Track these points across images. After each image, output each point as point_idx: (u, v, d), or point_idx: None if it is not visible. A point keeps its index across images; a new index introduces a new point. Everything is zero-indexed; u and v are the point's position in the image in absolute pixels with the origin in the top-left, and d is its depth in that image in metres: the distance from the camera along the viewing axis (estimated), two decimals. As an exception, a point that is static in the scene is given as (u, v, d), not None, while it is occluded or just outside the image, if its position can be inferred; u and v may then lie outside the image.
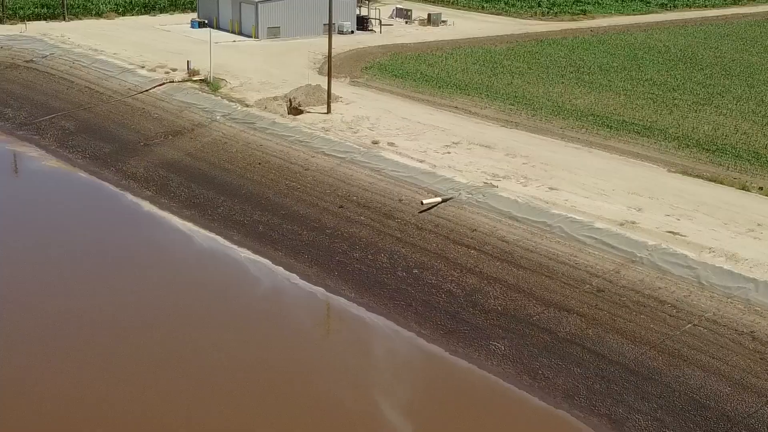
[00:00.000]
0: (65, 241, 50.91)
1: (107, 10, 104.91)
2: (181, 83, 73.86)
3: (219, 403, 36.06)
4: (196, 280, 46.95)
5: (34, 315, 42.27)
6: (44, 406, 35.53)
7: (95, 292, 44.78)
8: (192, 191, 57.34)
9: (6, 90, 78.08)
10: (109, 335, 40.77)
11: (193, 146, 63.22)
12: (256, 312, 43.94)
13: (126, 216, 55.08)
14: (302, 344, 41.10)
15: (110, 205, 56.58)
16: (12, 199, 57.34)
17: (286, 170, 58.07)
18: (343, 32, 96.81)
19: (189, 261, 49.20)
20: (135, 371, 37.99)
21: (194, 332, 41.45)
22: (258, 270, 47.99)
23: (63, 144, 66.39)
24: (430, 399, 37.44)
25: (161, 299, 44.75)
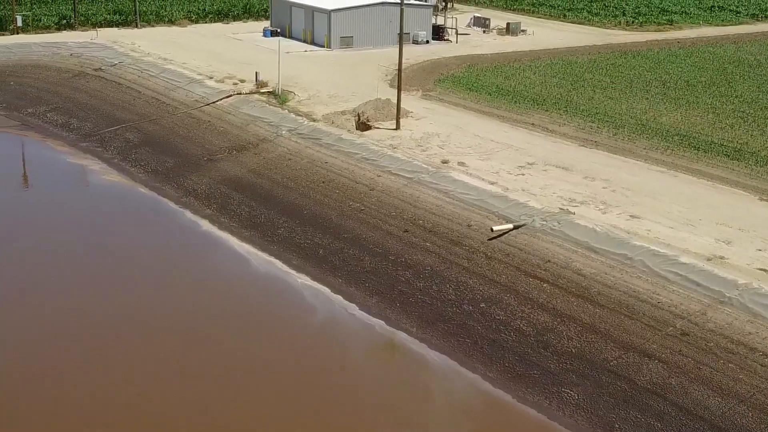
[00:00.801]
0: (118, 262, 48.95)
1: (180, 18, 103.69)
2: (248, 95, 71.74)
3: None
4: (250, 309, 44.49)
5: (100, 337, 40.33)
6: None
7: (146, 322, 42.62)
8: (253, 210, 55.00)
9: (73, 99, 76.91)
10: (166, 366, 38.53)
11: (256, 162, 60.92)
12: (309, 346, 41.25)
13: (183, 236, 52.98)
14: (357, 383, 38.29)
15: (168, 223, 54.55)
16: (67, 216, 55.63)
17: (350, 190, 55.37)
18: (418, 42, 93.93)
19: (244, 287, 46.75)
20: (192, 405, 35.65)
21: (243, 367, 38.95)
22: (315, 298, 45.34)
23: (125, 157, 64.71)
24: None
25: (211, 326, 42.40)
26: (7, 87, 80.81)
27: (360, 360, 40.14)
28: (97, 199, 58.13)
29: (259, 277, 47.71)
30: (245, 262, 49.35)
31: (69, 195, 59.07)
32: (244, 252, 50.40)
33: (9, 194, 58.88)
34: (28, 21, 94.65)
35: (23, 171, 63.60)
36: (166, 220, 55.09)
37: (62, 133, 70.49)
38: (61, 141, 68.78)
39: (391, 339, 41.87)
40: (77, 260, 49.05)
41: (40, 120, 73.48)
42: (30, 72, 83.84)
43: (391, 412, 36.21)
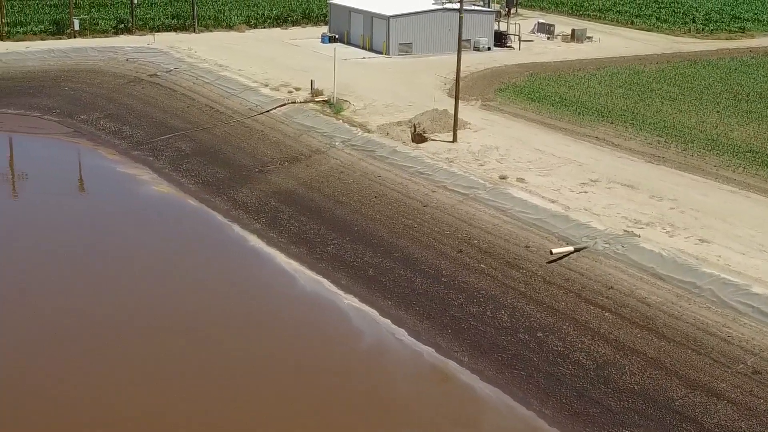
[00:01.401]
0: (162, 278, 47.40)
1: (238, 22, 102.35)
2: (303, 104, 69.92)
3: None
4: (294, 332, 42.55)
5: (147, 353, 38.82)
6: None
7: (186, 345, 40.95)
8: (302, 226, 53.12)
9: (127, 106, 75.86)
10: (212, 386, 36.82)
11: (308, 175, 59.03)
12: (354, 374, 39.18)
13: (230, 251, 51.29)
14: (403, 417, 36.07)
15: (215, 238, 52.92)
16: (113, 228, 54.28)
17: (403, 206, 53.19)
18: (479, 49, 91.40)
19: (288, 308, 44.85)
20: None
21: (282, 393, 37.02)
22: (363, 321, 43.28)
23: (177, 167, 63.29)
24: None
25: (253, 350, 40.60)
26: (62, 92, 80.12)
27: (407, 391, 37.92)
28: (144, 212, 56.72)
29: (305, 296, 45.79)
30: (292, 280, 47.47)
31: (116, 206, 57.77)
32: (291, 270, 48.54)
33: (56, 203, 57.78)
34: (86, 25, 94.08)
35: (72, 180, 62.46)
36: (213, 234, 53.46)
37: (114, 140, 69.41)
38: (113, 149, 67.68)
39: (440, 369, 39.57)
40: (118, 275, 47.59)
41: (92, 127, 72.53)
42: (85, 77, 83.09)
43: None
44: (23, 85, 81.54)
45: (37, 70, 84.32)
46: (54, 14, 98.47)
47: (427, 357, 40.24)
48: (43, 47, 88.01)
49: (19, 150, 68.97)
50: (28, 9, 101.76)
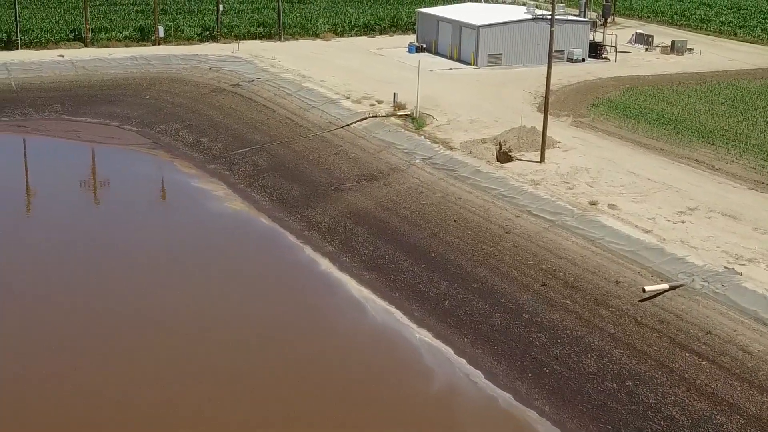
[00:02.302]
0: (223, 303, 45.02)
1: (324, 31, 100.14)
2: (384, 118, 67.10)
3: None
4: (361, 367, 39.85)
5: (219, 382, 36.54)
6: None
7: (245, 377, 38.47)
8: (376, 250, 50.27)
9: (207, 117, 74.12)
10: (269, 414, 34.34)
11: (385, 194, 56.17)
12: (422, 420, 36.11)
13: (299, 276, 48.79)
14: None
15: (285, 260, 50.49)
16: (183, 246, 52.28)
17: (484, 231, 49.90)
18: (573, 60, 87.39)
19: (356, 340, 42.04)
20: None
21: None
22: (435, 359, 40.22)
23: (252, 183, 61.09)
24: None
25: (314, 381, 38.00)
26: (143, 101, 78.89)
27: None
28: (215, 230, 54.60)
29: (374, 329, 42.95)
30: (361, 310, 44.66)
31: (186, 224, 55.75)
32: (362, 298, 45.76)
33: (126, 219, 56.13)
34: (170, 32, 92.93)
35: (145, 194, 60.70)
36: (283, 256, 51.03)
37: (191, 153, 67.62)
38: (189, 162, 65.86)
39: (518, 418, 36.22)
40: (182, 294, 45.42)
41: (171, 138, 70.94)
42: (167, 86, 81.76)
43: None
44: (104, 93, 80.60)
45: (119, 77, 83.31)
46: (140, 20, 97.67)
47: (503, 404, 36.96)
48: (126, 54, 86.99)
49: (95, 162, 67.53)
50: (114, 14, 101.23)
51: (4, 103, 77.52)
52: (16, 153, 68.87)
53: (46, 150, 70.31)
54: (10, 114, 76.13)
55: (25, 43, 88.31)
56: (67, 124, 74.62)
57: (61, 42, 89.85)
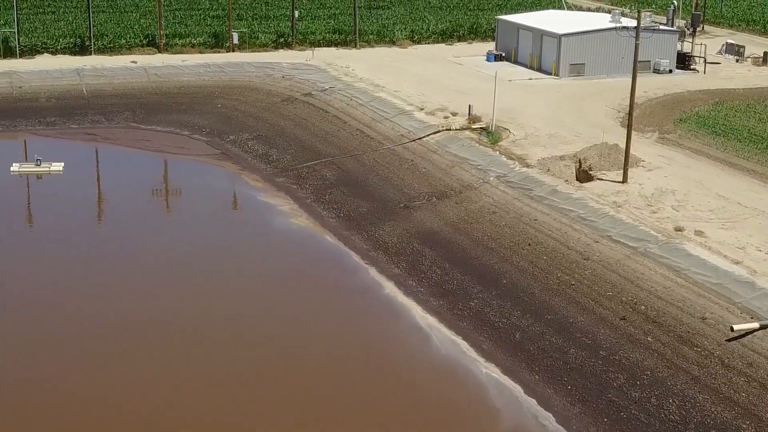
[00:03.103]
0: (279, 325, 42.88)
1: (402, 38, 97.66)
2: (458, 131, 64.40)
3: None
4: (423, 402, 37.23)
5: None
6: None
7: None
8: (445, 273, 47.63)
9: (277, 127, 72.28)
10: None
11: (456, 214, 53.48)
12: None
13: (362, 300, 46.37)
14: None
15: (348, 283, 48.10)
16: (243, 262, 50.30)
17: (560, 257, 46.88)
18: (659, 71, 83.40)
19: (418, 373, 39.39)
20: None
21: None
22: (502, 398, 37.42)
23: (319, 198, 58.96)
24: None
25: (371, 416, 35.64)
26: (214, 110, 77.43)
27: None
28: (277, 248, 52.63)
29: (438, 361, 40.31)
30: (425, 339, 42.05)
31: (249, 239, 53.84)
32: (427, 326, 43.15)
33: (189, 231, 54.57)
34: (245, 38, 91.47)
35: (209, 208, 58.93)
36: (346, 278, 48.67)
37: (260, 165, 65.77)
38: (257, 175, 64.00)
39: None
40: (238, 314, 43.39)
41: (240, 149, 69.22)
42: (238, 94, 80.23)
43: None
44: (176, 101, 79.38)
45: (191, 85, 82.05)
46: (215, 26, 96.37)
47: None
48: (199, 61, 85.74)
49: (162, 172, 66.11)
50: (190, 20, 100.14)
51: (75, 110, 76.82)
52: (83, 162, 67.74)
53: (114, 160, 69.21)
54: (80, 121, 75.35)
55: (98, 49, 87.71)
56: (136, 133, 73.50)
57: (134, 48, 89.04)
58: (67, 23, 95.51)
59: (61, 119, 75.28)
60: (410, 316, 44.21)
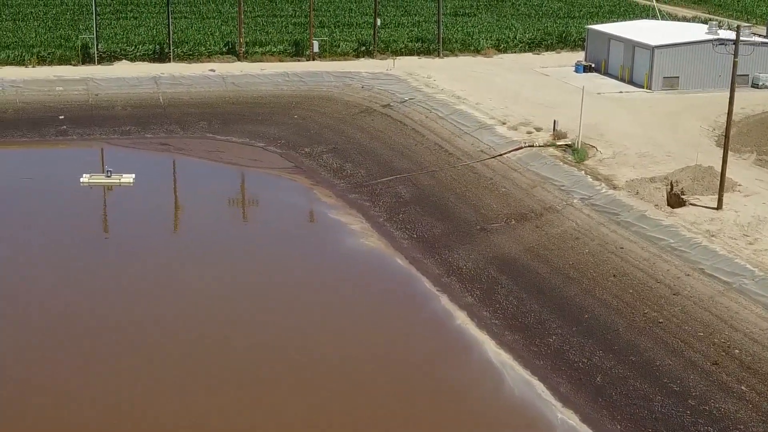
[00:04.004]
0: (339, 354, 40.29)
1: (487, 46, 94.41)
2: (541, 148, 61.06)
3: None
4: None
5: None
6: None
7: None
8: (522, 305, 44.52)
9: (353, 140, 69.87)
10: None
11: (536, 238, 50.25)
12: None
13: (431, 332, 43.58)
14: None
15: (418, 312, 45.35)
16: (309, 284, 47.94)
17: (647, 291, 43.33)
18: (758, 86, 78.60)
19: (489, 419, 36.42)
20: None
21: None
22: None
23: (392, 216, 56.33)
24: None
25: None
26: (290, 121, 75.40)
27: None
28: (345, 271, 50.18)
29: (510, 404, 37.34)
30: (498, 379, 39.06)
31: (316, 261, 51.37)
32: (500, 363, 40.19)
33: (254, 249, 52.49)
34: (326, 47, 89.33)
35: (279, 224, 56.82)
36: (416, 305, 45.92)
37: (333, 180, 63.43)
38: (329, 190, 61.69)
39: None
40: (301, 336, 40.97)
41: (314, 162, 67.00)
42: (316, 105, 78.08)
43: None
44: (252, 110, 77.55)
45: (269, 95, 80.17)
46: (296, 34, 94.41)
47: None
48: (278, 70, 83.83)
49: (232, 187, 64.11)
50: (271, 27, 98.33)
51: (151, 119, 75.58)
52: (154, 175, 66.06)
53: (185, 172, 67.69)
54: (155, 131, 74.06)
55: (177, 56, 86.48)
56: (211, 144, 71.86)
57: (213, 55, 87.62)
58: (148, 29, 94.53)
59: (136, 128, 74.11)
60: (482, 351, 41.26)
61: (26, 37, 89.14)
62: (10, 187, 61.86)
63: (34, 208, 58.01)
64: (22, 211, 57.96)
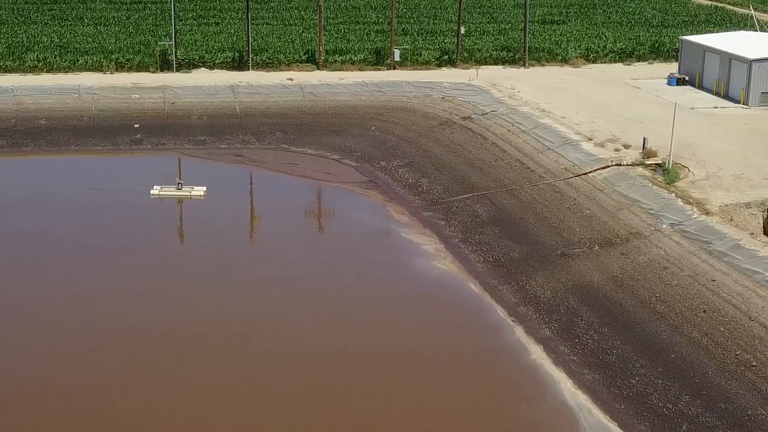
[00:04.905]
0: (400, 392, 37.73)
1: (575, 56, 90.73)
2: (629, 167, 57.50)
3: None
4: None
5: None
6: None
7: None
8: (602, 340, 41.39)
9: (431, 154, 67.24)
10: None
11: (620, 267, 46.91)
12: None
13: (503, 367, 40.75)
14: None
15: (490, 344, 42.59)
16: (371, 313, 45.54)
17: (740, 330, 39.72)
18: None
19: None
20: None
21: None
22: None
23: (467, 237, 53.63)
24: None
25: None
26: (368, 132, 73.13)
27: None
28: (414, 296, 47.56)
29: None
30: (573, 423, 36.11)
31: (384, 284, 49.03)
32: (576, 405, 37.22)
33: (323, 270, 50.25)
34: (407, 55, 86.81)
35: (348, 243, 54.61)
36: (488, 337, 43.19)
37: (408, 196, 60.99)
38: (403, 207, 59.26)
39: None
40: (357, 369, 38.57)
41: (389, 177, 64.63)
42: (394, 116, 75.60)
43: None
44: (329, 121, 75.43)
45: (347, 105, 77.94)
46: (377, 41, 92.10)
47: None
48: (357, 79, 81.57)
49: (304, 202, 61.97)
50: (352, 35, 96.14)
51: (226, 129, 74.03)
52: (226, 188, 64.02)
53: (257, 186, 66.00)
54: (230, 141, 72.54)
55: (256, 64, 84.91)
56: (285, 155, 69.99)
57: (293, 64, 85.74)
58: (228, 35, 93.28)
59: (211, 138, 72.69)
60: (558, 392, 38.31)
61: (106, 43, 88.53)
62: (79, 199, 60.70)
63: (100, 221, 56.71)
64: (88, 223, 56.63)
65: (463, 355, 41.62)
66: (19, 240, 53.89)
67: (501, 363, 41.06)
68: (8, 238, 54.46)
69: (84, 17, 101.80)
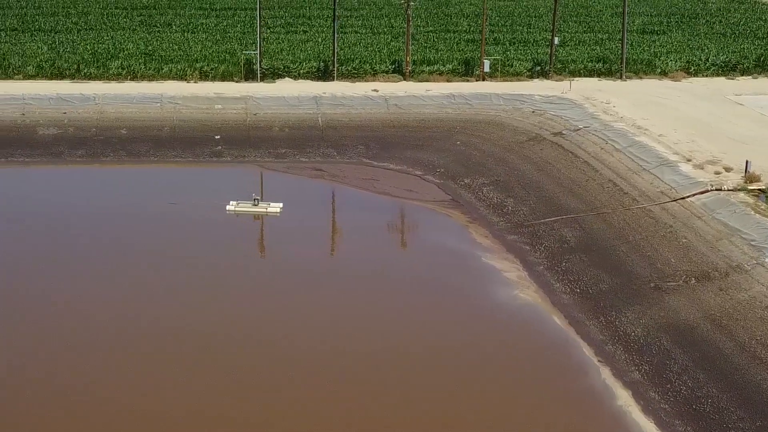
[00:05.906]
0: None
1: (675, 69, 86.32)
2: (730, 192, 53.47)
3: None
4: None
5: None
6: None
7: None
8: (697, 387, 37.81)
9: (518, 172, 64.07)
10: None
11: (719, 304, 43.12)
12: None
13: (586, 413, 37.45)
14: None
15: (573, 385, 39.28)
16: (442, 348, 42.52)
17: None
18: None
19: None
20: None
21: None
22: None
23: (553, 265, 50.38)
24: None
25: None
26: (453, 147, 70.29)
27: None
28: (491, 329, 44.47)
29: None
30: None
31: (459, 315, 45.98)
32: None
33: (389, 302, 47.44)
34: (497, 66, 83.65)
35: (424, 271, 51.66)
36: (571, 378, 39.83)
37: (492, 217, 57.97)
38: (486, 229, 56.23)
39: None
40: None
41: (473, 195, 61.71)
42: (481, 130, 72.59)
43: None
44: (413, 135, 72.81)
45: (432, 118, 75.18)
46: (468, 51, 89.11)
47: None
48: (444, 91, 78.67)
49: (381, 221, 59.39)
50: (442, 44, 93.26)
51: (308, 142, 72.04)
52: (303, 204, 61.55)
53: (336, 203, 63.92)
54: (311, 154, 70.48)
55: (341, 74, 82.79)
56: (366, 171, 67.58)
57: (379, 74, 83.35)
58: (315, 44, 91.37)
59: (291, 151, 70.77)
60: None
61: (191, 51, 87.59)
62: (154, 213, 59.21)
63: (172, 238, 55.15)
64: (159, 241, 55.03)
65: (544, 399, 38.42)
66: (95, 251, 52.72)
67: (584, 408, 37.76)
68: (85, 249, 53.37)
69: (173, 23, 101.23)
